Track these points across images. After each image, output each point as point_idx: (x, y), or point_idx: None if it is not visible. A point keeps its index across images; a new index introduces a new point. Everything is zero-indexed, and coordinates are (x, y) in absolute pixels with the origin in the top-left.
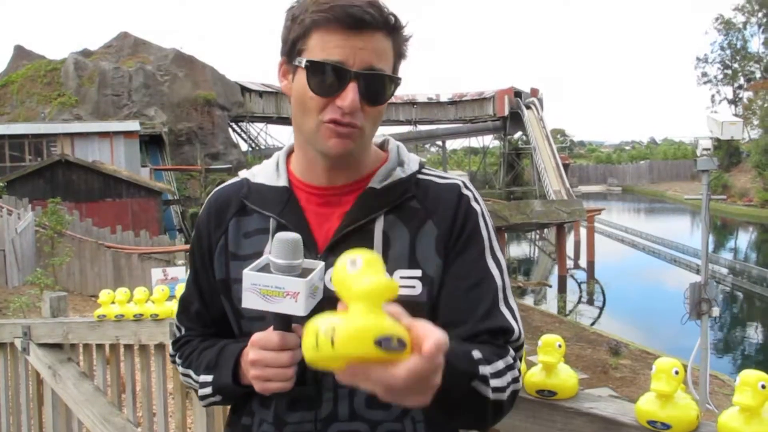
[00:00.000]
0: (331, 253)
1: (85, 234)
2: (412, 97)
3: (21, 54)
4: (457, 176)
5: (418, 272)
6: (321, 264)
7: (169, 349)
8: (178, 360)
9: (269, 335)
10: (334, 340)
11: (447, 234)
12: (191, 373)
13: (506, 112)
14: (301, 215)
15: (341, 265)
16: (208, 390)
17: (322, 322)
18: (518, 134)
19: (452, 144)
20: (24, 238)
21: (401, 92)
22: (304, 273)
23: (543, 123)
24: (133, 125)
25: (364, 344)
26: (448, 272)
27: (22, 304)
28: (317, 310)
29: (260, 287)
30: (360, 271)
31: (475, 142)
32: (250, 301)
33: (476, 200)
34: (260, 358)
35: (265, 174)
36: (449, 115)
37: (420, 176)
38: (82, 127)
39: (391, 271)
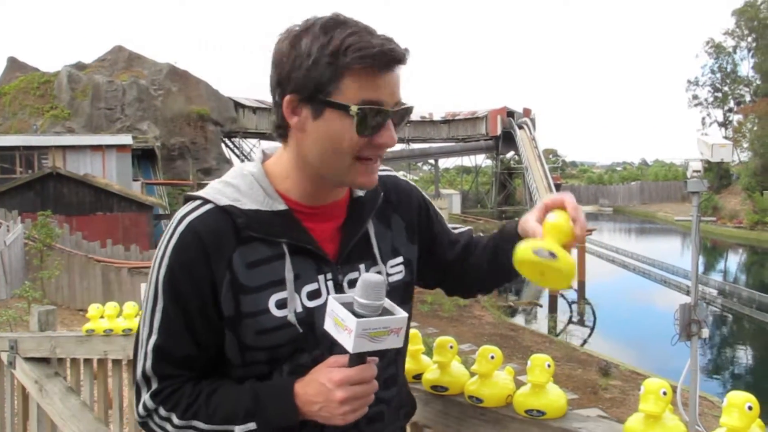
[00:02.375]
0: (345, 264)
1: (74, 248)
2: None
3: (14, 66)
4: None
5: (400, 259)
6: (400, 315)
7: (140, 407)
8: (165, 413)
9: (365, 370)
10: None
11: (412, 221)
12: (199, 424)
13: (499, 132)
14: (309, 235)
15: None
16: None
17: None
18: (510, 154)
19: (445, 163)
20: (13, 250)
21: None
22: (383, 313)
23: (535, 143)
24: (126, 139)
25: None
26: (437, 238)
27: (9, 318)
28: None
29: (334, 315)
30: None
31: (468, 161)
32: (328, 325)
33: (408, 181)
34: (351, 395)
35: (254, 200)
36: (442, 134)
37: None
38: (75, 140)
39: (385, 263)
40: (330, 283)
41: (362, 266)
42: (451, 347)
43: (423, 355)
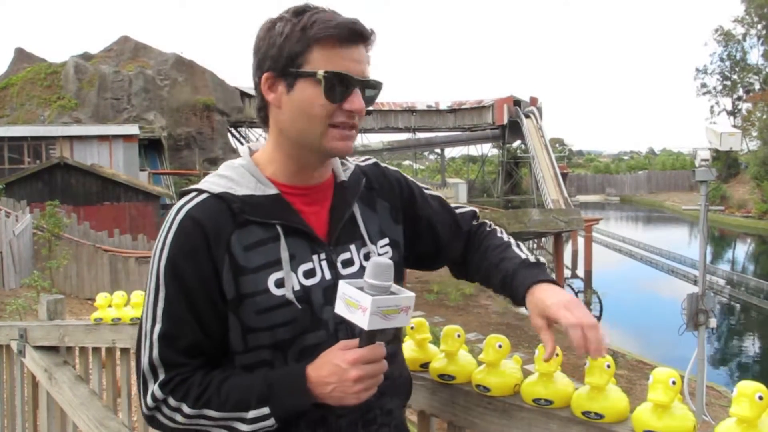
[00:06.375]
0: (337, 245)
1: (82, 237)
2: (411, 104)
3: (21, 56)
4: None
5: (387, 240)
6: (408, 294)
7: (147, 398)
8: (175, 403)
9: (376, 350)
10: None
11: (395, 202)
12: (211, 413)
13: (505, 121)
14: (301, 217)
15: None
16: (267, 422)
17: None
18: (517, 143)
19: (451, 152)
20: (21, 240)
21: (400, 99)
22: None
23: (542, 132)
24: (133, 129)
25: None
26: (424, 218)
27: (18, 307)
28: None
29: (346, 297)
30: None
31: (474, 150)
32: (339, 307)
33: (390, 167)
34: (365, 373)
35: (247, 186)
36: (448, 123)
37: (359, 164)
38: (82, 131)
39: (374, 243)
40: (324, 263)
41: (353, 247)
42: (458, 336)
43: (430, 344)
